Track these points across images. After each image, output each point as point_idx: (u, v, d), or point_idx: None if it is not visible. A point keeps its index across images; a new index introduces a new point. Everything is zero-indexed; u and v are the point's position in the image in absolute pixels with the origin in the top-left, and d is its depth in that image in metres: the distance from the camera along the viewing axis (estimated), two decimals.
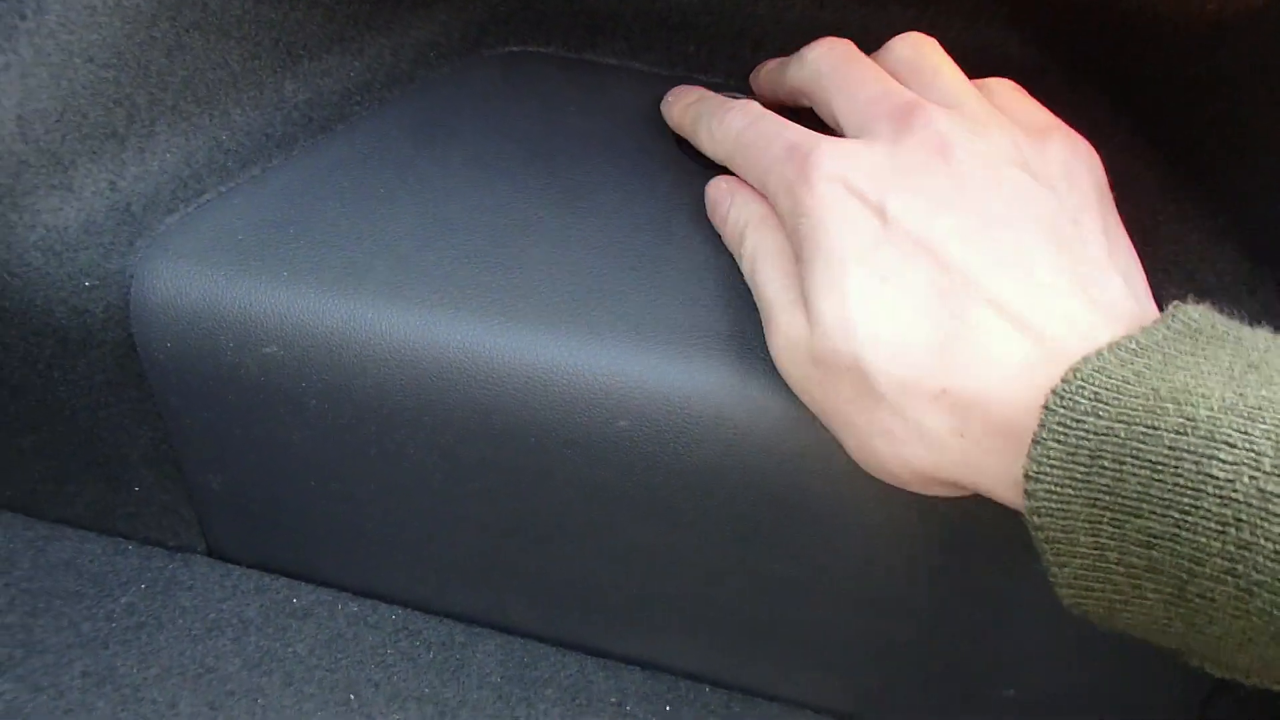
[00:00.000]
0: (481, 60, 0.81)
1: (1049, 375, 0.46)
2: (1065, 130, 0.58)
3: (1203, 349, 0.44)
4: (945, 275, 0.50)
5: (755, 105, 0.63)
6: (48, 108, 0.61)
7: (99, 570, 0.76)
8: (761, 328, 0.58)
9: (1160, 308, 0.58)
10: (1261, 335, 0.45)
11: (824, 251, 0.53)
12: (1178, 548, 0.40)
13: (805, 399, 0.56)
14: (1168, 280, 0.62)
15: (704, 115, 0.66)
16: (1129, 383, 0.43)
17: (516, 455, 0.62)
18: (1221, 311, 0.47)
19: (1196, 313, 0.46)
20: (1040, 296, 0.48)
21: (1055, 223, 0.52)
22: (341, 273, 0.62)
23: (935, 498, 0.54)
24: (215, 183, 0.68)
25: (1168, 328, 0.45)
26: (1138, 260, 0.54)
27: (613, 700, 0.70)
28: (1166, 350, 0.44)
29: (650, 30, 0.81)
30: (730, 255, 0.63)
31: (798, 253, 0.55)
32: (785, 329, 0.55)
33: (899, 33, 0.67)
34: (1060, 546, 0.44)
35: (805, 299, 0.53)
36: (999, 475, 0.48)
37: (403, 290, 0.61)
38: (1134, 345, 0.45)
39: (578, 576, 0.68)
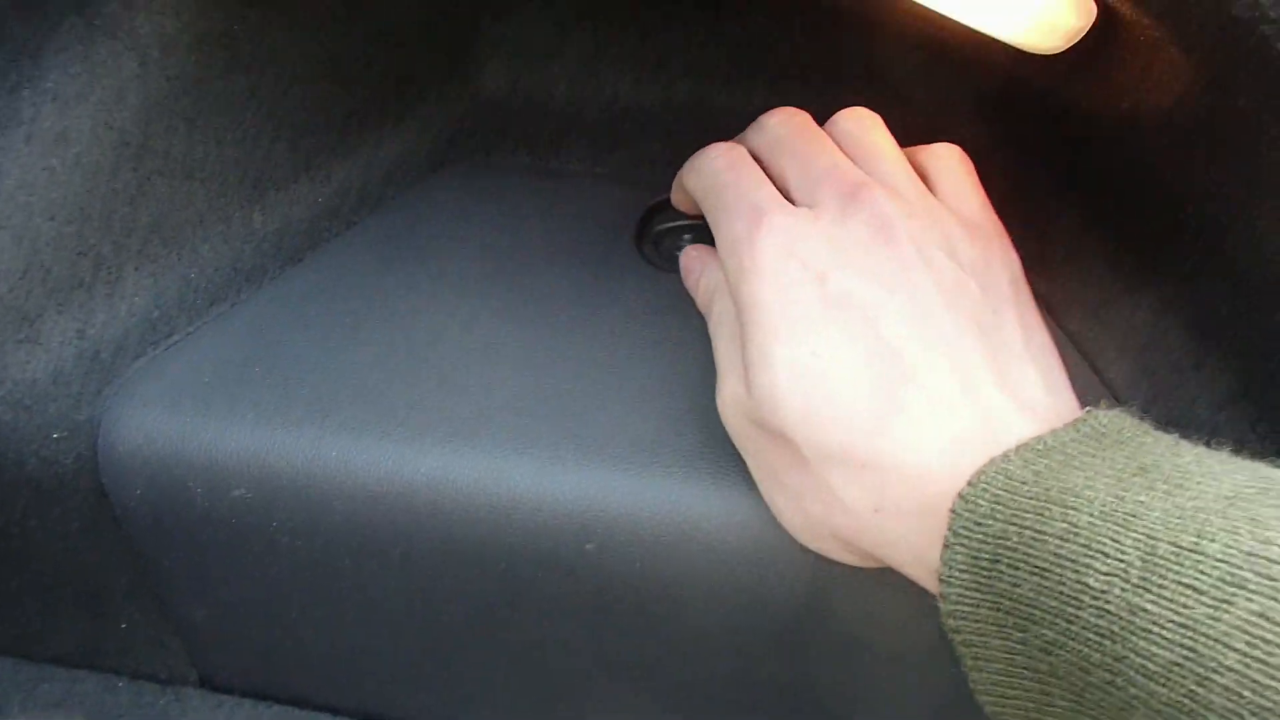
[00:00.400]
0: (448, 174, 0.81)
1: (961, 467, 0.46)
2: (992, 222, 0.59)
3: (1104, 451, 0.44)
4: (880, 353, 0.50)
5: (744, 151, 0.64)
6: (10, 267, 0.62)
7: (91, 708, 0.77)
8: (727, 442, 0.58)
9: (1111, 389, 0.58)
10: (1166, 440, 0.45)
11: (760, 319, 0.53)
12: (1069, 656, 0.40)
13: (744, 456, 0.57)
14: (1118, 359, 0.62)
15: (699, 151, 0.67)
16: (1027, 484, 0.43)
17: (488, 581, 0.62)
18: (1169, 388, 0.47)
19: (1107, 417, 0.46)
20: (965, 386, 0.49)
21: (978, 312, 0.52)
22: (307, 409, 0.62)
23: (908, 606, 0.54)
24: (184, 322, 0.69)
25: (1076, 430, 0.45)
26: (1056, 353, 0.54)
27: None
28: (1069, 451, 0.44)
29: (614, 132, 0.81)
30: (696, 365, 0.63)
31: (739, 316, 0.56)
32: (728, 391, 0.56)
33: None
34: (976, 650, 0.44)
35: (744, 364, 0.54)
36: (914, 556, 0.48)
37: (368, 424, 0.62)
38: (1039, 446, 0.45)
39: (559, 694, 0.68)
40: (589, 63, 0.82)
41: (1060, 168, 0.69)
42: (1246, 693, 0.34)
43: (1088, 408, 0.47)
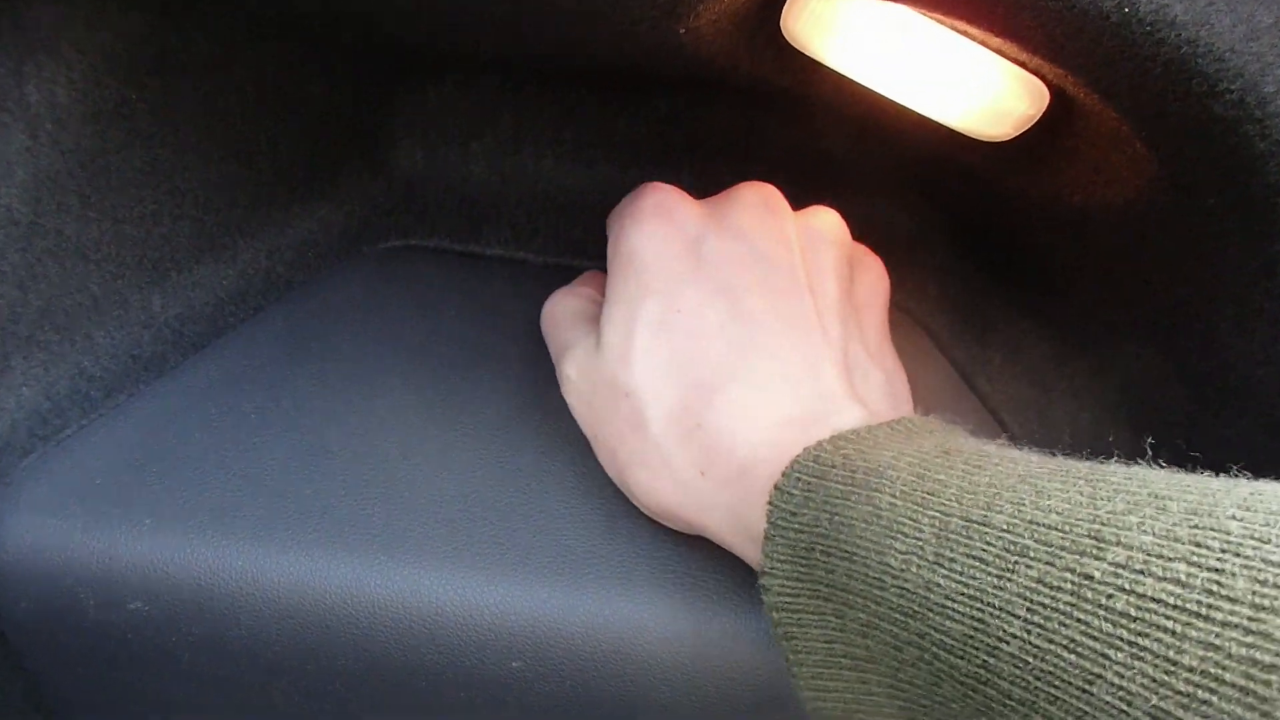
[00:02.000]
0: (361, 257, 0.78)
1: (785, 446, 0.46)
2: (872, 257, 0.62)
3: (913, 439, 0.44)
4: (737, 319, 0.51)
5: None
6: None
7: None
8: (664, 551, 0.55)
9: None
10: (975, 439, 0.45)
11: (634, 273, 0.54)
12: (882, 637, 0.40)
13: (583, 426, 0.58)
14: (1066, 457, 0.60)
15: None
16: (835, 468, 0.43)
17: (408, 699, 0.58)
18: None
19: (924, 418, 0.47)
20: (810, 370, 0.50)
21: (840, 309, 0.54)
22: (209, 515, 0.58)
23: None
24: (77, 415, 0.65)
25: (891, 426, 0.46)
26: (903, 373, 0.57)
27: None
28: (878, 437, 0.44)
29: (535, 216, 0.78)
30: None
31: (611, 274, 0.56)
32: (578, 357, 0.57)
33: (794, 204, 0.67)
34: (797, 643, 0.44)
35: (600, 330, 0.55)
36: (735, 524, 0.48)
37: (275, 531, 0.58)
38: (852, 434, 0.45)
39: None
40: (509, 142, 0.79)
41: (998, 258, 0.67)
42: (1030, 659, 0.34)
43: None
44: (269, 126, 0.72)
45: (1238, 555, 0.30)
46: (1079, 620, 0.32)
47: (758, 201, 0.56)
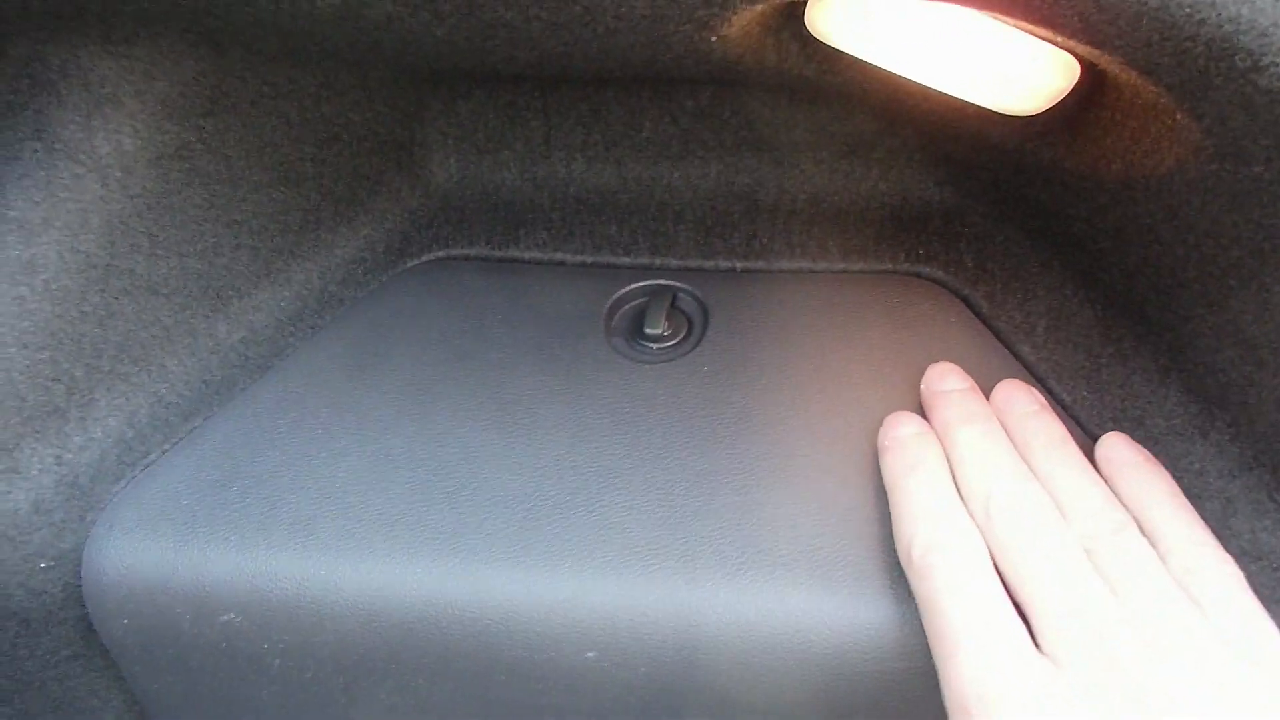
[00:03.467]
0: (407, 271, 0.82)
1: None
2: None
3: None
4: None
5: (935, 458, 0.60)
6: None
7: None
8: (726, 539, 0.58)
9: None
10: None
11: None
12: None
13: None
14: (1117, 428, 0.62)
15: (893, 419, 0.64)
16: None
17: (487, 694, 0.62)
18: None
19: None
20: None
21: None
22: (290, 529, 0.62)
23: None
24: (158, 441, 0.69)
25: None
26: None
27: None
28: None
29: (570, 217, 0.82)
30: (681, 463, 0.64)
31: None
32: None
33: (815, 189, 0.68)
34: None
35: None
36: None
37: (353, 540, 0.62)
38: None
39: None
40: (539, 148, 0.83)
41: (1039, 230, 0.69)
42: None
43: None
44: (313, 152, 0.76)
45: None
46: None
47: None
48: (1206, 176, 0.51)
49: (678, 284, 0.76)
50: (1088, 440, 0.62)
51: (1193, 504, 0.56)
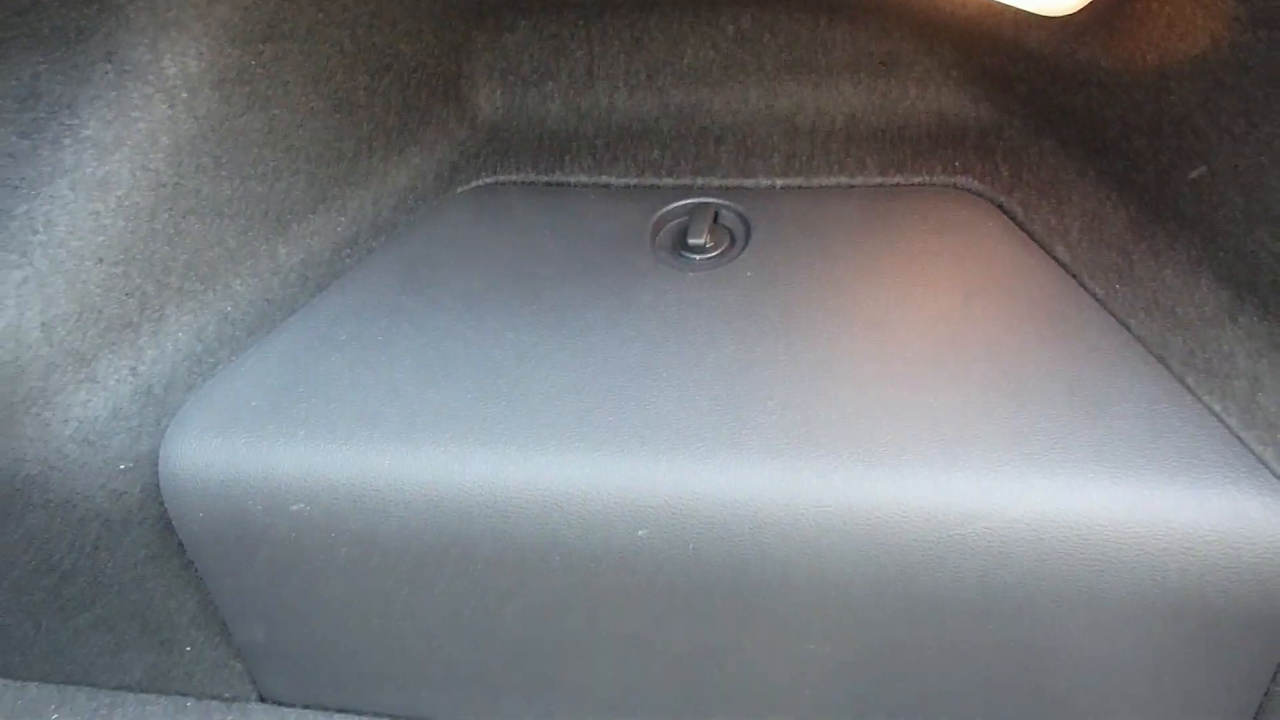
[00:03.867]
0: (457, 197, 0.85)
1: None
2: None
3: None
4: None
5: None
6: (67, 310, 0.65)
7: None
8: (768, 426, 0.61)
9: (1145, 346, 0.61)
10: None
11: None
12: None
13: None
14: (1149, 318, 0.65)
15: None
16: None
17: (543, 575, 0.65)
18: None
19: None
20: None
21: None
22: (354, 425, 0.66)
23: (978, 573, 0.57)
24: (226, 354, 0.73)
25: None
26: None
27: None
28: None
29: (614, 143, 0.85)
30: (722, 357, 0.67)
31: None
32: None
33: (853, 109, 0.70)
34: None
35: None
36: None
37: (414, 433, 0.65)
38: None
39: (611, 680, 0.71)
40: (583, 79, 0.86)
41: (1074, 139, 0.72)
42: None
43: None
44: (366, 82, 0.80)
45: None
46: None
47: None
48: (1241, 49, 0.53)
49: (719, 201, 0.79)
50: (1122, 328, 0.65)
51: (1221, 384, 0.58)
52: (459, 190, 0.86)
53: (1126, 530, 0.55)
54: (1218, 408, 0.58)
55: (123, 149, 0.67)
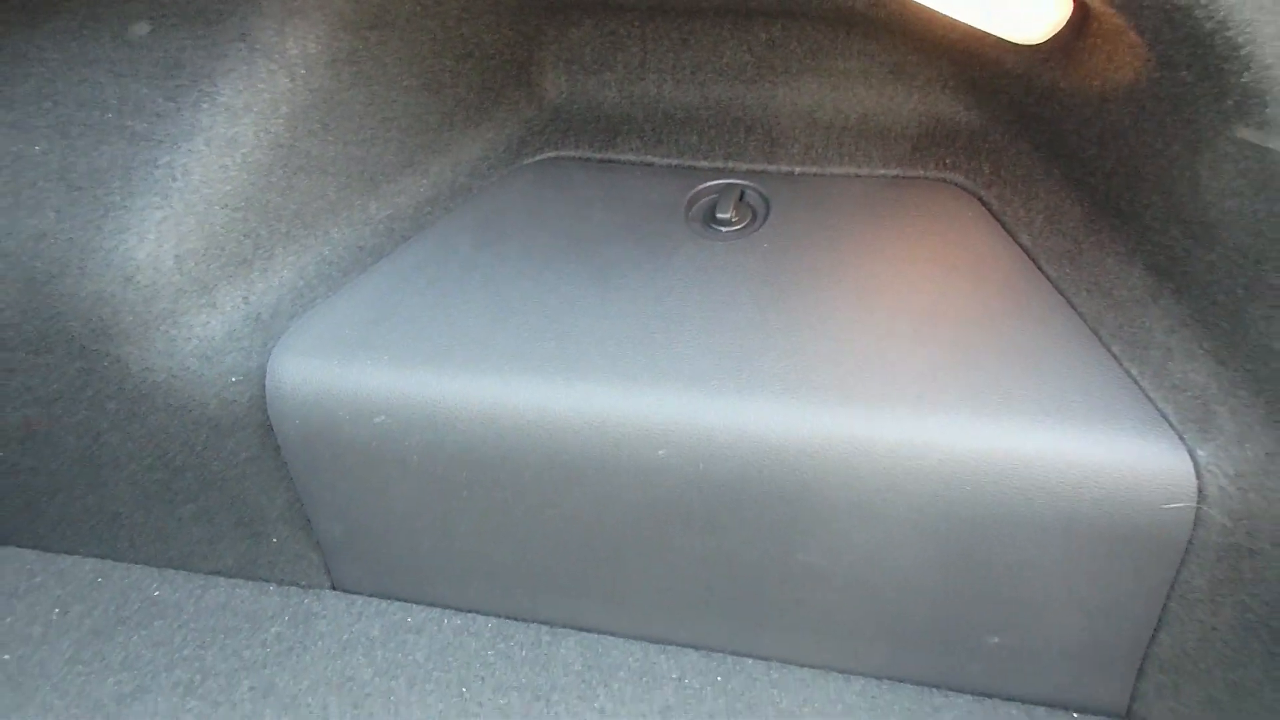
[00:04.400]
0: (523, 168, 0.99)
1: None
2: None
3: None
4: None
5: None
6: (196, 246, 0.79)
7: (249, 609, 0.94)
8: (764, 371, 0.75)
9: (1085, 321, 0.73)
10: None
11: None
12: None
13: None
14: (1090, 298, 0.77)
15: None
16: None
17: (581, 486, 0.78)
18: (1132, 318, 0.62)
19: None
20: None
21: None
22: (430, 354, 0.79)
23: (931, 495, 0.70)
24: (323, 291, 0.86)
25: None
26: None
27: (674, 676, 0.86)
28: None
29: (660, 128, 0.98)
30: (739, 313, 0.80)
31: None
32: None
33: (865, 110, 0.83)
34: None
35: None
36: None
37: (477, 363, 0.79)
38: None
39: (639, 581, 0.84)
40: (636, 71, 0.99)
41: (1043, 144, 0.84)
42: None
43: None
44: (451, 65, 0.93)
45: None
46: None
47: None
48: (1153, 84, 0.66)
49: (746, 182, 0.93)
50: (1067, 304, 0.77)
51: (1140, 354, 0.71)
52: (525, 162, 0.99)
53: (1053, 466, 0.68)
54: (1135, 372, 0.71)
55: (250, 114, 0.81)
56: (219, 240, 0.81)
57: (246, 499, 0.89)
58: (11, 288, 0.80)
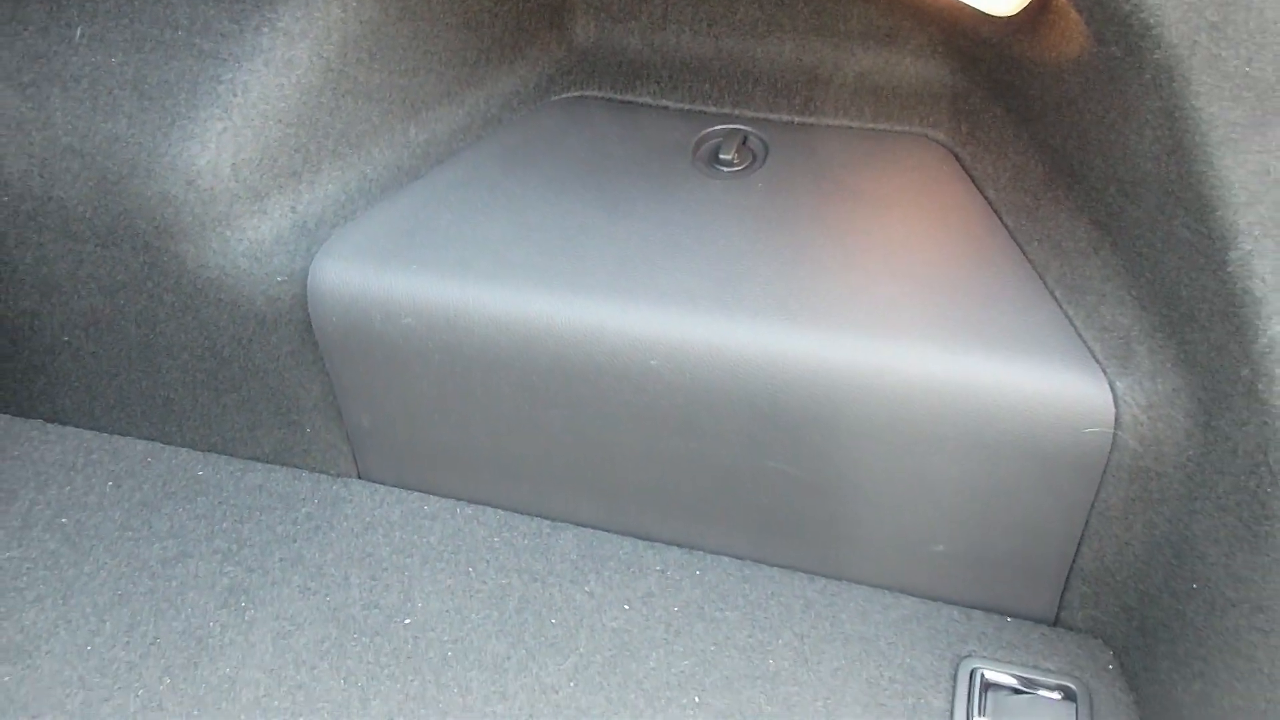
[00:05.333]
0: (550, 104, 1.08)
1: None
2: None
3: None
4: None
5: None
6: (251, 157, 0.89)
7: (284, 491, 1.05)
8: (746, 291, 0.84)
9: (1034, 268, 0.83)
10: None
11: None
12: None
13: None
14: (1041, 247, 0.86)
15: None
16: None
17: (582, 390, 0.88)
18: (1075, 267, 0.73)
19: None
20: None
21: None
22: (455, 265, 0.89)
23: (886, 413, 0.80)
24: (363, 205, 0.96)
25: None
26: None
27: (658, 569, 0.97)
28: None
29: (675, 74, 1.08)
30: (729, 242, 0.89)
31: None
32: None
33: (861, 69, 0.93)
34: None
35: None
36: None
37: (498, 275, 0.88)
38: None
39: (630, 480, 0.94)
40: (659, 21, 1.08)
41: (1014, 106, 0.93)
42: None
43: None
44: (490, 6, 1.03)
45: None
46: None
47: None
48: (1092, 58, 0.74)
49: (749, 129, 1.02)
50: (1020, 252, 0.86)
51: (1078, 298, 0.80)
52: (552, 99, 1.09)
53: (992, 391, 0.78)
54: (1071, 313, 0.80)
55: (305, 40, 0.90)
56: (272, 153, 0.90)
57: (285, 390, 0.99)
58: (86, 185, 0.90)
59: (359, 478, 1.06)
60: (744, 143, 1.00)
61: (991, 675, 0.88)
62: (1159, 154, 0.70)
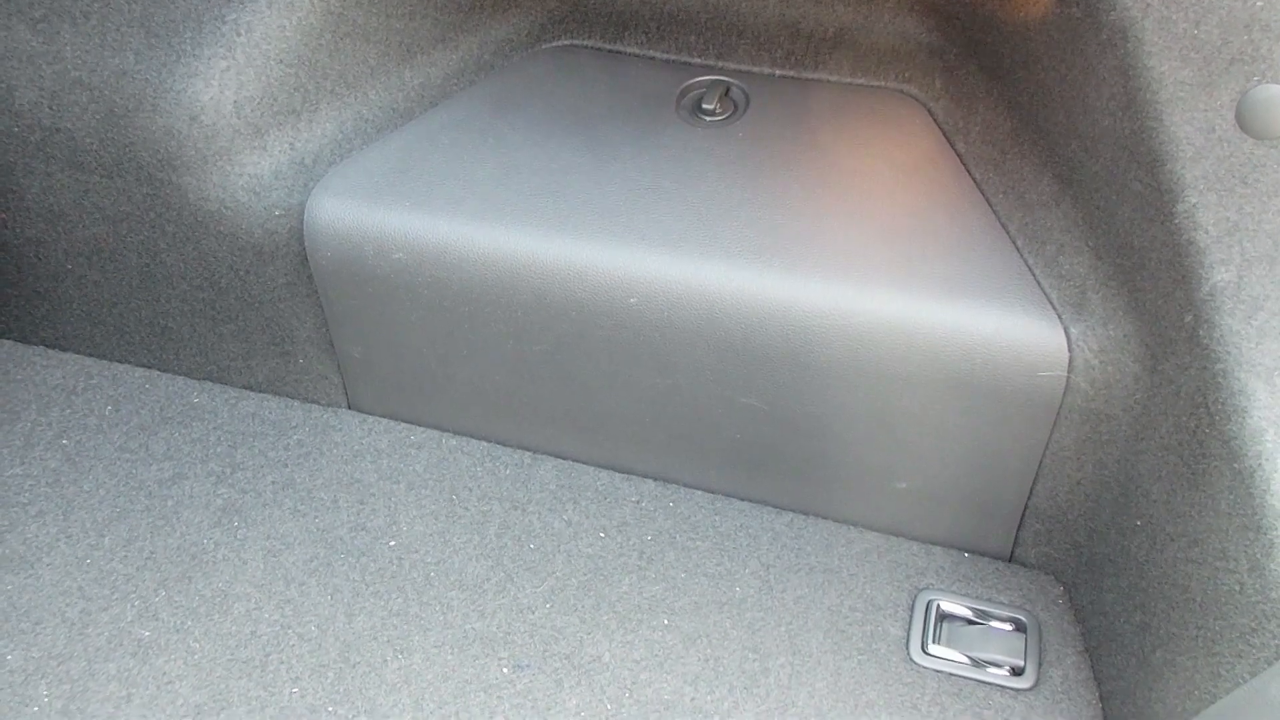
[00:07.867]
0: (541, 51, 1.12)
1: None
2: None
3: None
4: None
5: None
6: (253, 95, 0.93)
7: (276, 418, 1.09)
8: (727, 233, 0.88)
9: (999, 219, 0.87)
10: None
11: None
12: None
13: None
14: (1005, 199, 0.90)
15: None
16: None
17: (563, 326, 0.92)
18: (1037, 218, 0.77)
19: None
20: None
21: None
22: (444, 202, 0.93)
23: (852, 353, 0.84)
24: (359, 144, 1.00)
25: None
26: None
27: (633, 500, 1.01)
28: None
29: (662, 26, 1.11)
30: (706, 185, 0.93)
31: None
32: None
33: (842, 25, 0.97)
34: None
35: None
36: None
37: (484, 213, 0.92)
38: None
39: (608, 414, 0.99)
40: None
41: (986, 64, 0.97)
42: None
43: None
44: None
45: None
46: None
47: None
48: (1055, 18, 0.79)
49: (731, 80, 1.06)
50: (985, 203, 0.91)
51: (1038, 248, 0.84)
52: (543, 46, 1.12)
53: (953, 333, 0.82)
54: (1031, 262, 0.84)
55: None
56: (272, 91, 0.94)
57: (279, 321, 1.03)
58: (93, 118, 0.94)
59: (349, 408, 1.10)
60: (726, 93, 1.04)
61: (947, 606, 0.92)
62: (1115, 110, 0.74)
